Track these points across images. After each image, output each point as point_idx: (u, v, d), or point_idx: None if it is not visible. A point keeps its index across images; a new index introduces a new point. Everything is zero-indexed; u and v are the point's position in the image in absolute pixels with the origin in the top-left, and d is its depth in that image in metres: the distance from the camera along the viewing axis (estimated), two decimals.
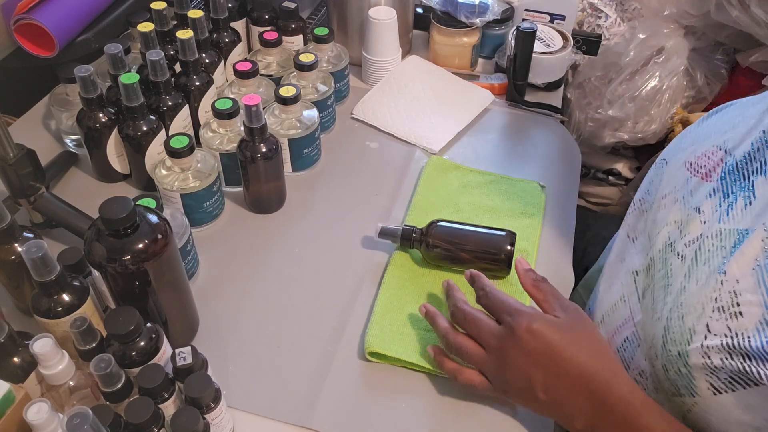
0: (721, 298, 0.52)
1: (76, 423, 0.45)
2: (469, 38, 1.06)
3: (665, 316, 0.57)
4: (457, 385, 0.64)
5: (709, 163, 0.62)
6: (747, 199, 0.56)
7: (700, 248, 0.57)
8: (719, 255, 0.54)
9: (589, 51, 1.16)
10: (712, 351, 0.51)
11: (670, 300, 0.57)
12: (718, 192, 0.59)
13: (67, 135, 0.91)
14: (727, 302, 0.51)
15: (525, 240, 0.80)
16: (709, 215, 0.58)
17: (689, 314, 0.54)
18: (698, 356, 0.52)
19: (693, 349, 0.52)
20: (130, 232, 0.57)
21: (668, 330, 0.56)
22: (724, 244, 0.55)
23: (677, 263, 0.59)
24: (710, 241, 0.56)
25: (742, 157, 0.59)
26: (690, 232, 0.59)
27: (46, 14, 0.88)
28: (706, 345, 0.51)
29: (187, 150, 0.75)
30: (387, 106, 1.01)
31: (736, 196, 0.57)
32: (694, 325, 0.53)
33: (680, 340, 0.54)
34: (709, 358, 0.51)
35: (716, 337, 0.51)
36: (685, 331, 0.54)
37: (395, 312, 0.72)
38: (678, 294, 0.56)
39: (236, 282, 0.77)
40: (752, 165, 0.58)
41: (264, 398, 0.66)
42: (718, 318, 0.51)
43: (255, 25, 1.02)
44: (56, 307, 0.58)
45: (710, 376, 0.51)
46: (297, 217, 0.85)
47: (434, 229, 0.75)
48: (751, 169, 0.58)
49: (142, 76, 0.81)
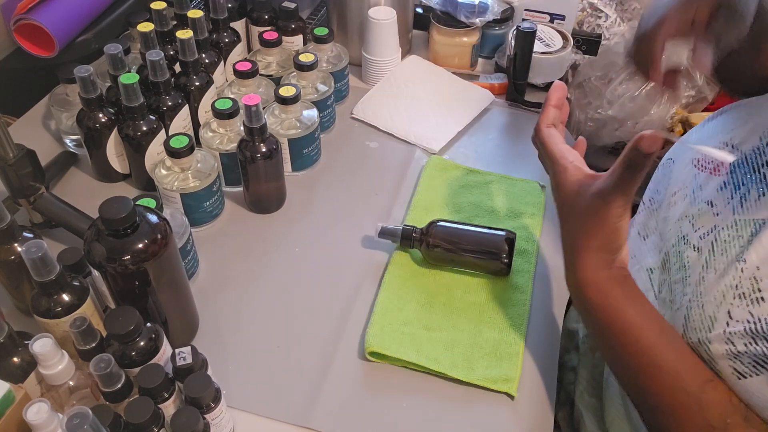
0: (741, 285, 0.53)
1: (75, 423, 0.45)
2: (468, 38, 1.06)
3: (684, 306, 0.58)
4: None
5: (716, 159, 0.64)
6: (760, 190, 0.57)
7: (716, 239, 0.58)
8: (737, 245, 0.55)
9: (589, 51, 1.16)
10: (735, 336, 0.52)
11: (689, 291, 0.58)
12: (729, 185, 0.60)
13: (66, 135, 0.91)
14: (749, 288, 0.52)
15: (525, 240, 0.80)
16: (722, 207, 0.59)
17: (709, 303, 0.55)
18: (721, 342, 0.53)
19: (715, 335, 0.53)
20: (130, 232, 0.57)
21: (688, 319, 0.57)
22: (740, 234, 0.56)
23: (693, 255, 0.60)
24: (726, 231, 0.57)
25: (750, 151, 0.60)
26: (703, 225, 0.60)
27: (46, 14, 0.88)
28: (729, 331, 0.52)
29: (187, 150, 0.75)
30: (387, 106, 1.01)
31: (748, 187, 0.58)
32: (714, 313, 0.54)
33: (701, 328, 0.55)
34: (732, 344, 0.52)
35: (738, 323, 0.52)
36: (705, 318, 0.55)
37: (395, 312, 0.72)
38: (697, 285, 0.57)
39: (236, 282, 0.77)
40: (762, 158, 0.59)
41: (264, 398, 0.65)
42: (739, 304, 0.52)
43: (255, 25, 1.02)
44: (56, 307, 0.58)
45: (733, 360, 0.52)
46: (297, 217, 0.85)
47: (434, 228, 0.75)
48: (761, 162, 0.59)
49: (142, 76, 0.81)
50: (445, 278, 0.76)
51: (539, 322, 0.73)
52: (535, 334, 0.72)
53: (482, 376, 0.66)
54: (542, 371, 0.69)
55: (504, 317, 0.72)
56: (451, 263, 0.77)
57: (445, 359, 0.68)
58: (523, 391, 0.66)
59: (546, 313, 0.74)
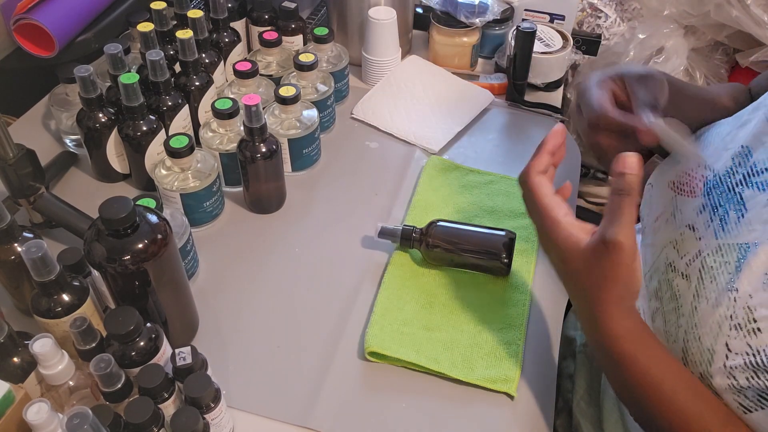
0: (736, 315, 0.51)
1: (75, 423, 0.45)
2: (468, 38, 1.06)
3: (681, 338, 0.57)
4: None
5: (691, 180, 0.63)
6: (739, 211, 0.56)
7: (703, 266, 0.56)
8: (725, 271, 0.54)
9: (589, 51, 1.16)
10: (737, 371, 0.50)
11: (684, 322, 0.57)
12: (707, 207, 0.59)
13: (66, 135, 0.91)
14: (744, 319, 0.51)
15: (525, 240, 0.80)
16: (703, 231, 0.58)
17: (706, 335, 0.53)
18: (723, 377, 0.52)
19: (716, 369, 0.52)
20: (130, 232, 0.57)
21: (687, 352, 0.56)
22: (727, 260, 0.54)
23: (683, 284, 0.58)
24: (712, 257, 0.56)
25: (724, 171, 0.60)
26: (688, 251, 0.59)
27: (45, 14, 0.88)
28: (729, 365, 0.51)
29: (187, 150, 0.75)
30: (387, 106, 1.01)
31: (726, 209, 0.57)
32: (712, 345, 0.53)
33: (700, 361, 0.54)
34: (734, 378, 0.51)
35: (738, 356, 0.50)
36: (704, 351, 0.53)
37: (395, 312, 0.72)
38: (690, 315, 0.56)
39: (236, 282, 0.77)
40: (735, 177, 0.58)
41: (264, 398, 0.66)
42: (736, 336, 0.51)
43: (255, 25, 1.02)
44: (56, 307, 0.58)
45: (737, 395, 0.51)
46: (297, 217, 0.85)
47: (434, 228, 0.75)
48: (734, 181, 0.58)
49: (142, 76, 0.81)
50: (444, 278, 0.76)
51: (539, 322, 0.73)
52: (535, 335, 0.72)
53: (482, 376, 0.66)
54: (541, 371, 0.69)
55: (504, 317, 0.72)
56: (450, 263, 0.77)
57: (444, 359, 0.68)
58: (522, 391, 0.66)
59: (546, 313, 0.74)
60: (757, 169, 0.57)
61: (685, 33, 1.41)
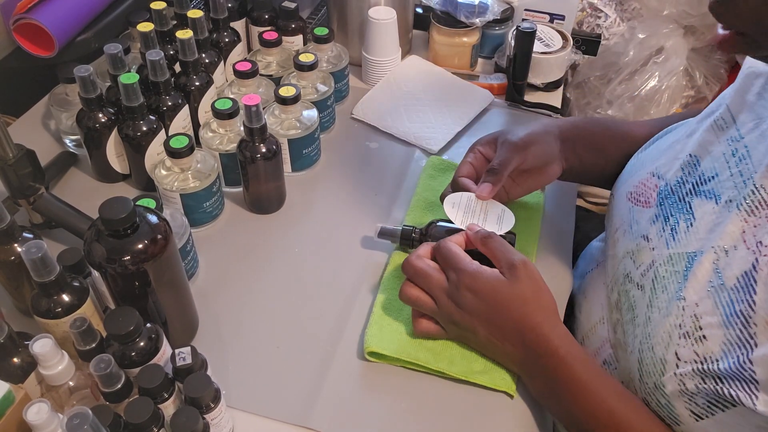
0: (684, 324, 0.52)
1: (75, 423, 0.45)
2: (468, 38, 1.06)
3: (637, 349, 0.58)
4: (417, 333, 0.68)
5: (646, 191, 0.64)
6: (688, 221, 0.57)
7: (655, 276, 0.58)
8: (674, 280, 0.55)
9: (589, 51, 1.16)
10: (686, 377, 0.51)
11: (639, 332, 0.58)
12: (660, 217, 0.61)
13: (66, 135, 0.91)
14: (691, 327, 0.52)
15: (524, 240, 0.80)
16: (657, 241, 0.60)
17: (658, 345, 0.54)
18: (674, 384, 0.52)
19: (667, 378, 0.53)
20: (130, 232, 0.57)
21: (642, 362, 0.56)
22: (676, 269, 0.55)
23: (638, 294, 0.60)
24: (663, 267, 0.57)
25: (675, 181, 0.61)
26: (643, 262, 0.60)
27: (45, 14, 0.88)
28: (679, 372, 0.52)
29: (187, 150, 0.75)
30: (387, 106, 1.01)
31: (677, 219, 0.59)
32: (663, 355, 0.53)
33: (653, 371, 0.55)
34: (684, 384, 0.52)
35: (686, 364, 0.51)
36: (657, 361, 0.54)
37: (394, 312, 0.72)
38: (644, 325, 0.57)
39: (236, 282, 0.77)
40: (685, 187, 0.60)
41: (264, 398, 0.66)
42: (684, 344, 0.52)
43: (255, 25, 1.02)
44: (56, 308, 0.58)
45: (689, 402, 0.52)
46: (297, 217, 0.85)
47: (434, 229, 0.75)
48: (684, 191, 0.60)
49: (142, 76, 0.81)
50: None
51: None
52: None
53: (481, 375, 0.66)
54: None
55: None
56: None
57: (443, 358, 0.68)
58: (522, 391, 0.66)
59: None
60: (705, 177, 0.59)
61: (684, 33, 1.41)
